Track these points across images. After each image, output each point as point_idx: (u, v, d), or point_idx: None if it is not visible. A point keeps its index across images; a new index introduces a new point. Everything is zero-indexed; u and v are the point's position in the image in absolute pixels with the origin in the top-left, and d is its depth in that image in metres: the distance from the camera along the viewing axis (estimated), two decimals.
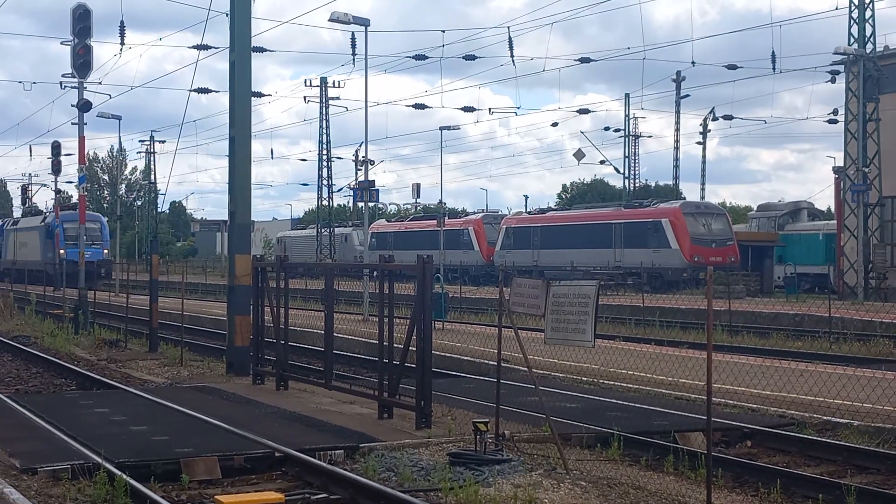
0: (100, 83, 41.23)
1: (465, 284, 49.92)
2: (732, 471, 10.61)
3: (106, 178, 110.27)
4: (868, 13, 40.32)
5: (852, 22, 40.46)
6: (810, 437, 12.09)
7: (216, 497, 9.10)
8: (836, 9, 41.02)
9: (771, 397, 14.14)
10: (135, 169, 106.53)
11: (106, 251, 58.54)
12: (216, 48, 33.78)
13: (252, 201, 19.24)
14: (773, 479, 10.02)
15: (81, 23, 27.54)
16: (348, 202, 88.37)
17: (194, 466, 10.19)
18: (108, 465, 9.76)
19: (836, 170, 46.85)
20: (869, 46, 40.49)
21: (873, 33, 40.54)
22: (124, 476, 9.30)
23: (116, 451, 10.48)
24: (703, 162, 66.77)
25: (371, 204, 30.52)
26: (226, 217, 19.54)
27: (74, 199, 61.92)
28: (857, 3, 40.24)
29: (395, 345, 13.20)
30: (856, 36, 40.43)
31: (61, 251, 54.20)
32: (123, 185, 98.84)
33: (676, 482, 10.15)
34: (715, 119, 61.40)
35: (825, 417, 12.90)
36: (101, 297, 36.74)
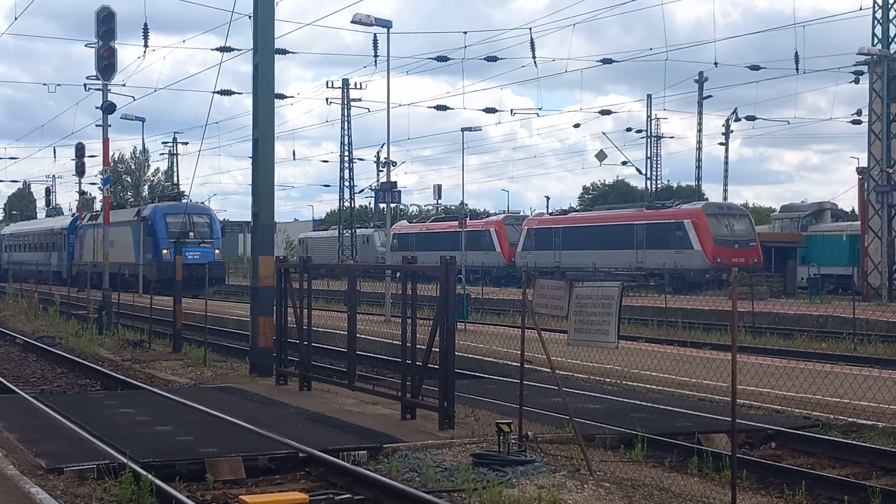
0: (123, 85, 41.35)
1: (487, 285, 49.89)
2: (757, 472, 10.58)
3: (129, 179, 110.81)
4: (892, 13, 40.08)
5: (876, 22, 40.23)
6: (835, 438, 12.04)
7: (241, 497, 9.13)
8: (861, 9, 40.84)
9: (795, 399, 14.07)
10: (157, 170, 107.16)
11: (217, 251, 50.65)
12: (239, 50, 33.91)
13: (274, 203, 19.29)
14: (797, 481, 9.98)
15: (105, 25, 27.72)
16: (370, 203, 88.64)
17: (219, 466, 10.23)
18: (133, 465, 9.82)
19: (859, 171, 46.55)
20: (893, 47, 40.23)
21: None
22: (150, 476, 9.34)
23: (141, 452, 10.54)
24: (726, 163, 66.53)
25: (393, 205, 30.53)
26: (248, 218, 19.61)
27: (99, 200, 62.17)
28: (880, 4, 40.00)
29: (418, 346, 13.22)
30: (879, 36, 40.19)
31: (164, 251, 46.81)
32: (146, 187, 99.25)
33: (701, 484, 10.13)
34: (738, 120, 61.14)
35: (850, 419, 12.83)
36: (125, 299, 36.91)
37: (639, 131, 67.28)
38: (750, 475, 10.42)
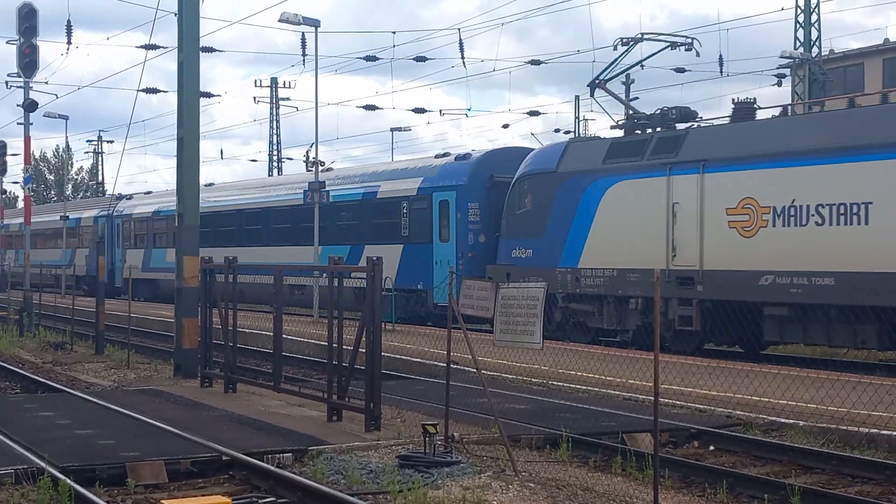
0: (46, 83, 40.75)
1: None
2: (679, 471, 10.69)
3: (52, 178, 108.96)
4: (814, 17, 40.85)
5: (798, 26, 40.97)
6: (756, 437, 12.22)
7: (162, 501, 9.01)
8: (782, 9, 41.51)
9: (718, 398, 14.26)
10: (81, 169, 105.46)
11: None
12: (165, 48, 33.47)
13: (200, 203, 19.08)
14: (719, 480, 10.10)
15: (27, 22, 27.26)
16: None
17: (140, 470, 10.08)
18: (51, 470, 9.64)
19: None
20: (815, 50, 41.01)
21: (819, 37, 41.09)
22: (68, 481, 9.18)
23: (61, 456, 10.34)
24: None
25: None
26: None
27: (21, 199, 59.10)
28: (802, 8, 40.75)
29: (345, 347, 13.17)
30: (802, 40, 40.94)
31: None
32: (70, 186, 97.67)
33: (624, 483, 10.21)
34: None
35: (771, 418, 13.03)
36: (47, 300, 36.28)
37: (567, 132, 67.76)
38: (673, 474, 10.53)
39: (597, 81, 25.63)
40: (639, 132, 23.52)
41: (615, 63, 25.49)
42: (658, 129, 22.98)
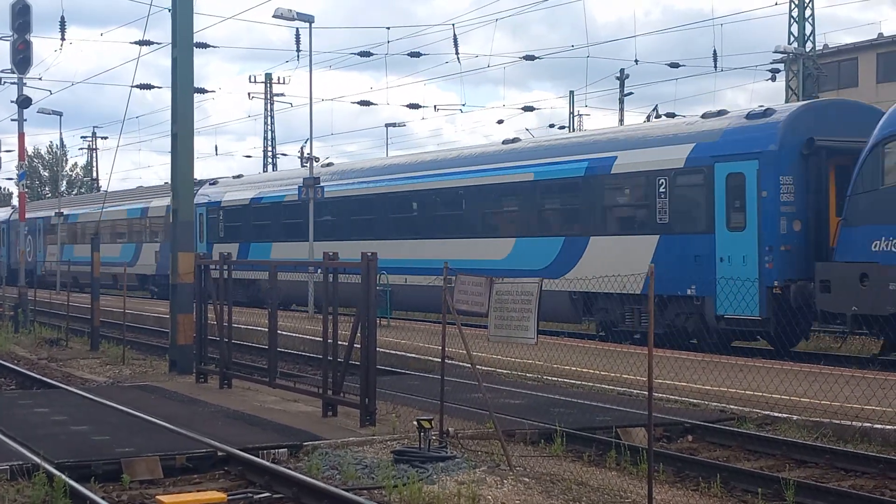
0: (40, 79, 40.74)
1: None
2: (674, 465, 10.72)
3: (46, 174, 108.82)
4: (808, 12, 40.89)
5: (792, 21, 41.00)
6: (750, 431, 12.25)
7: (157, 497, 9.02)
8: (776, 4, 41.49)
9: (712, 392, 14.29)
10: (75, 165, 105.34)
11: None
12: (159, 44, 33.44)
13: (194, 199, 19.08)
14: (713, 474, 10.13)
15: (21, 18, 27.20)
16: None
17: (135, 466, 10.09)
18: (47, 466, 9.64)
19: None
20: (808, 45, 41.06)
21: (813, 32, 41.15)
22: (63, 476, 9.20)
23: (56, 452, 10.36)
24: None
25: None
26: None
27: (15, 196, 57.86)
28: (796, 3, 40.78)
29: (340, 342, 13.18)
30: (795, 35, 40.97)
31: None
32: (65, 182, 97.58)
33: (618, 477, 10.24)
34: (658, 116, 61.86)
35: (765, 412, 13.06)
36: (42, 296, 36.27)
37: (561, 127, 67.78)
38: (667, 468, 10.55)
39: None
40: None
41: None
42: None
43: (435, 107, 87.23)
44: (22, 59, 27.86)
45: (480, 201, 26.73)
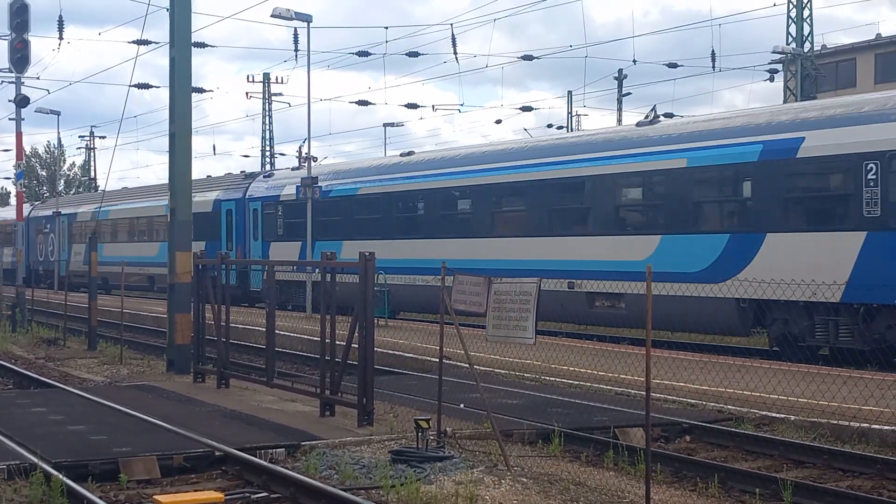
0: (38, 78, 40.67)
1: None
2: (671, 465, 10.72)
3: (44, 174, 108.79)
4: (806, 13, 40.90)
5: (790, 21, 41.01)
6: (748, 431, 12.25)
7: (154, 497, 9.01)
8: (774, 5, 41.59)
9: (710, 392, 14.29)
10: (73, 164, 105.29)
11: None
12: (157, 43, 33.42)
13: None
14: (711, 474, 10.13)
15: (19, 17, 27.17)
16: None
17: (133, 466, 10.08)
18: (44, 466, 9.63)
19: None
20: (807, 45, 41.07)
21: (811, 32, 41.15)
22: (60, 476, 9.18)
23: (53, 451, 10.35)
24: None
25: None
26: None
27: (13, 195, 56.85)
28: (795, 3, 40.79)
29: (338, 342, 13.17)
30: (794, 35, 40.98)
31: None
32: (62, 181, 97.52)
33: (616, 477, 10.23)
34: (656, 117, 61.86)
35: (762, 412, 13.06)
36: (40, 295, 36.24)
37: (560, 127, 67.78)
38: (664, 468, 10.55)
39: None
40: None
41: None
42: None
43: (433, 107, 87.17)
44: (20, 58, 27.82)
45: (612, 192, 23.15)
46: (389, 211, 29.55)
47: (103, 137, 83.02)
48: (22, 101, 30.54)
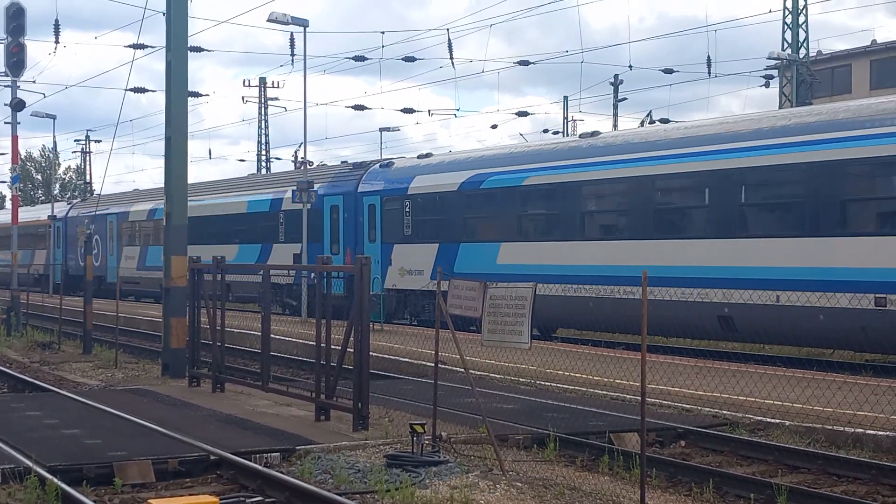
0: (34, 82, 40.65)
1: None
2: (666, 470, 10.73)
3: (40, 177, 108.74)
4: (801, 19, 40.99)
5: (786, 27, 41.10)
6: (742, 436, 12.26)
7: (149, 501, 8.99)
8: (770, 11, 41.65)
9: (704, 397, 14.31)
10: (68, 168, 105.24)
11: None
12: (153, 47, 33.45)
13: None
14: (705, 479, 10.14)
15: (15, 21, 27.16)
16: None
17: (127, 470, 10.08)
18: (38, 470, 9.62)
19: None
20: (802, 51, 41.15)
21: (806, 38, 41.23)
22: (55, 480, 9.17)
23: (48, 455, 10.33)
24: None
25: (310, 205, 29.97)
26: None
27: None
28: (790, 9, 40.88)
29: (333, 346, 13.17)
30: (789, 41, 41.06)
31: None
32: (58, 185, 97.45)
33: (611, 482, 10.24)
34: (652, 122, 61.91)
35: (757, 417, 13.07)
36: (34, 299, 36.19)
37: (555, 132, 67.82)
38: (659, 473, 10.56)
39: None
40: None
41: None
42: None
43: (429, 111, 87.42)
44: (16, 62, 27.81)
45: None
46: (576, 206, 23.75)
47: (99, 141, 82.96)
48: (18, 105, 30.51)
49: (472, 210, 26.62)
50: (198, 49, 39.12)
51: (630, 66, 46.35)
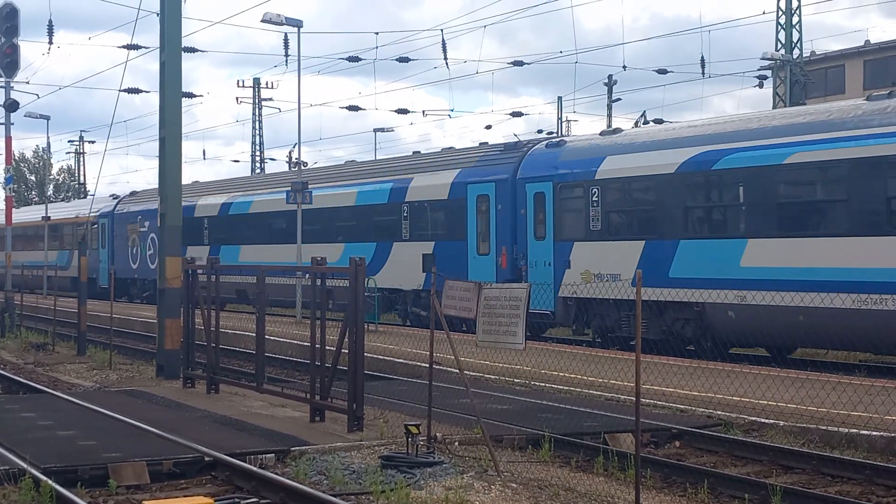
0: (27, 83, 40.59)
1: None
2: (661, 471, 10.74)
3: (33, 178, 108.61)
4: (795, 19, 41.06)
5: (779, 28, 41.17)
6: (737, 437, 12.28)
7: (144, 502, 9.01)
8: (763, 13, 41.74)
9: (699, 398, 14.32)
10: (62, 169, 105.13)
11: None
12: (147, 48, 33.42)
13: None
14: (700, 479, 10.16)
15: (8, 22, 27.13)
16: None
17: (122, 472, 10.07)
18: (33, 471, 9.61)
19: None
20: (796, 52, 41.22)
21: (800, 39, 41.31)
22: (50, 482, 9.17)
23: (42, 457, 10.31)
24: None
25: (304, 205, 29.77)
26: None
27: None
28: (784, 10, 40.95)
29: (328, 347, 13.17)
30: (783, 41, 41.13)
31: None
32: (51, 186, 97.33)
33: (606, 483, 10.25)
34: (646, 122, 61.89)
35: (752, 418, 13.09)
36: (29, 300, 36.15)
37: (550, 133, 67.88)
38: (654, 474, 10.57)
39: None
40: None
41: None
42: None
43: (423, 112, 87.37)
44: (9, 62, 27.78)
45: None
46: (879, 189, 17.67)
47: (93, 142, 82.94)
48: (11, 106, 30.48)
49: (698, 198, 21.12)
50: (192, 50, 39.12)
51: (624, 67, 46.40)
